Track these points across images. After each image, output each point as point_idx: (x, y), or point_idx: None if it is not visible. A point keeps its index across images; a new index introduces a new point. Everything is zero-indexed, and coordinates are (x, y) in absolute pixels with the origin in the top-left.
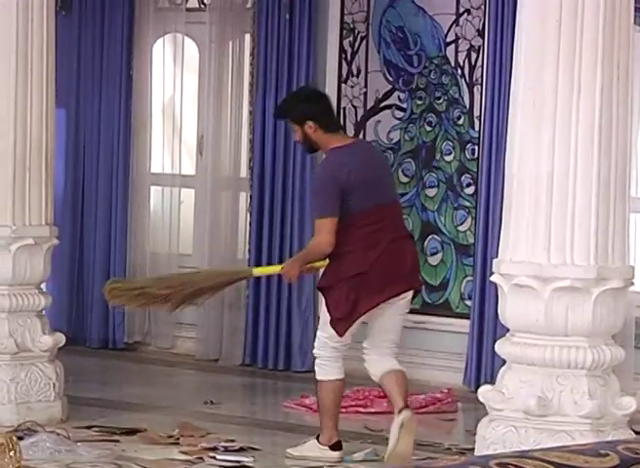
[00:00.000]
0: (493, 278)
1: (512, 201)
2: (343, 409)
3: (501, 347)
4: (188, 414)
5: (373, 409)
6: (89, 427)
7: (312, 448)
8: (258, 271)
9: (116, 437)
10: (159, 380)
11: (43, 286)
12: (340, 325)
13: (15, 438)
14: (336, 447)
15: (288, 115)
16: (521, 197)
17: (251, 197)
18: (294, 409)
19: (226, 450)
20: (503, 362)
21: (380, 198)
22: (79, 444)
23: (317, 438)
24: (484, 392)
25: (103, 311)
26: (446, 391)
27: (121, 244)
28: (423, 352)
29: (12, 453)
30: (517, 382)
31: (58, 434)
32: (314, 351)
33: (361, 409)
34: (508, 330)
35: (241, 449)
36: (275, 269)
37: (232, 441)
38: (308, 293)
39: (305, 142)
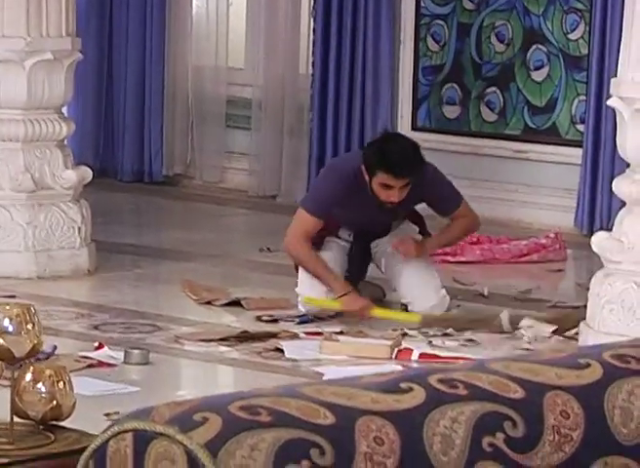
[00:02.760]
0: (610, 102)
1: (635, 2)
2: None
3: (620, 186)
4: (239, 264)
5: (463, 258)
6: None
7: None
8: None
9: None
10: (204, 222)
11: (64, 110)
12: None
13: (33, 308)
14: None
15: (418, 175)
16: None
17: None
18: None
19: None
20: (623, 202)
21: None
22: None
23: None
24: (599, 240)
25: (137, 138)
26: (552, 236)
27: (158, 56)
28: (525, 187)
29: (29, 326)
30: (639, 229)
31: None
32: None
33: (449, 258)
34: (629, 165)
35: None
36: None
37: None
38: (385, 117)
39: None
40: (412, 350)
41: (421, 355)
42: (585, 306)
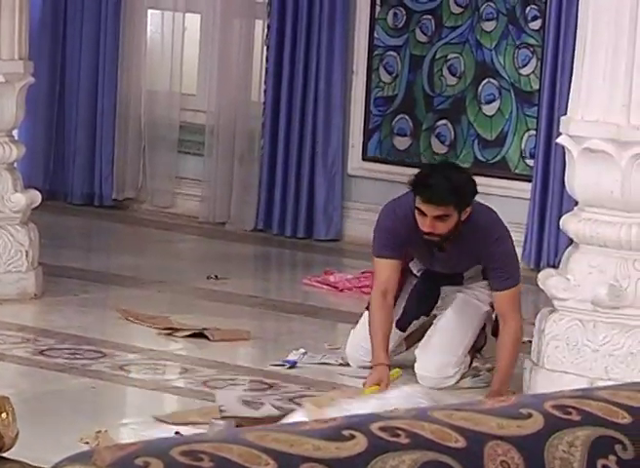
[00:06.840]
0: (560, 140)
1: (586, 41)
2: None
3: (568, 224)
4: (187, 291)
5: None
6: None
7: None
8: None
9: None
10: (154, 247)
11: (15, 133)
12: None
13: (7, 398)
14: None
15: (462, 201)
16: (598, 37)
17: (269, 26)
18: (315, 288)
19: None
20: (570, 239)
21: None
22: None
23: None
24: (545, 277)
25: (88, 160)
26: None
27: (111, 80)
28: None
29: (4, 415)
30: (586, 267)
31: None
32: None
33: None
34: (577, 202)
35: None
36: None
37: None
38: (336, 147)
39: (449, 234)
40: None
41: None
42: (531, 342)
